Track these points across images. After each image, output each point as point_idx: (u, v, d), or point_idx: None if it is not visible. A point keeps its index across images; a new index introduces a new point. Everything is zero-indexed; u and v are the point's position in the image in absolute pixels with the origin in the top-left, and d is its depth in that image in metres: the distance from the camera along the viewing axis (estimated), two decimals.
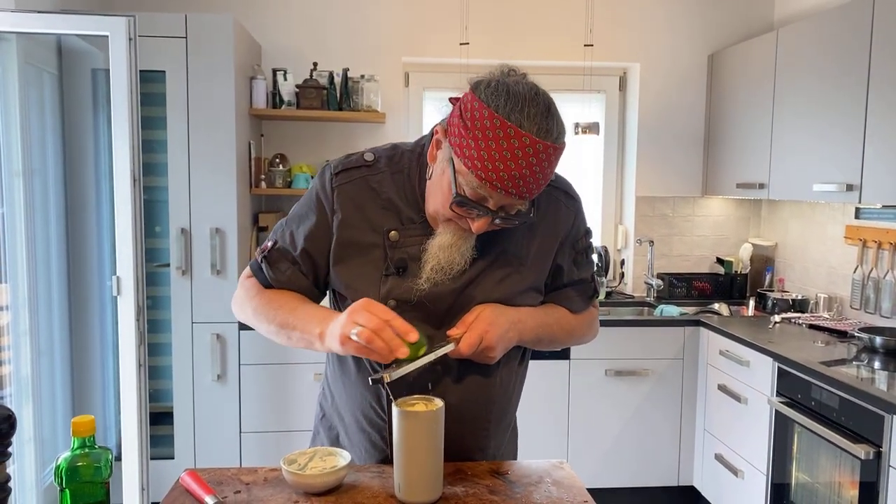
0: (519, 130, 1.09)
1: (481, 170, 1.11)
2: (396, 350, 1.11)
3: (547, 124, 1.11)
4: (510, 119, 1.09)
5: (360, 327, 1.12)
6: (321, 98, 3.38)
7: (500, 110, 1.10)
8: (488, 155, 1.10)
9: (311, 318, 1.25)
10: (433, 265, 1.23)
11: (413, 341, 1.13)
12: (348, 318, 1.14)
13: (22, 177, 2.79)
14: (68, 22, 2.66)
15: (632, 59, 3.79)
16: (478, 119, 1.11)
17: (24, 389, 2.79)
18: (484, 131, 1.10)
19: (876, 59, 2.55)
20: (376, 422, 1.33)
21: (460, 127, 1.13)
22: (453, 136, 1.15)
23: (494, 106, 1.10)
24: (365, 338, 1.11)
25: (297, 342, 1.27)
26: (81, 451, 1.01)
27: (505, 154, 1.09)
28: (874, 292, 2.99)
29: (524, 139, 1.09)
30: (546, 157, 1.12)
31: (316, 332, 1.22)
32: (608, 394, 3.28)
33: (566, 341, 1.42)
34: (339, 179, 1.30)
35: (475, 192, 1.14)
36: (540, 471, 1.32)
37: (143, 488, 2.76)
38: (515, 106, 1.10)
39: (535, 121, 1.10)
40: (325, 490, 1.19)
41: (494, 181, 1.11)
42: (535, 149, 1.10)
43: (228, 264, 3.08)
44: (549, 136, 1.11)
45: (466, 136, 1.12)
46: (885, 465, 2.08)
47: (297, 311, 1.28)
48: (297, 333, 1.26)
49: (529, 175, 1.12)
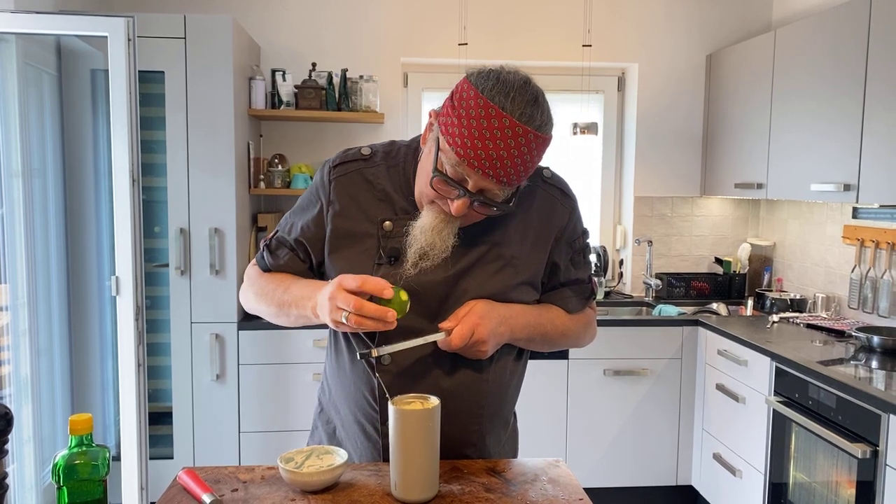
0: (500, 111, 1.13)
1: (461, 147, 1.15)
2: (384, 316, 1.13)
3: (531, 111, 1.14)
4: (494, 101, 1.13)
5: (345, 312, 1.14)
6: (320, 98, 3.38)
7: (485, 92, 1.14)
8: (468, 132, 1.14)
9: (302, 295, 1.29)
10: (416, 248, 1.26)
11: (389, 297, 1.15)
12: (330, 304, 1.17)
13: (21, 177, 2.79)
14: (67, 22, 2.67)
15: (630, 59, 3.80)
16: (465, 99, 1.15)
17: (24, 389, 2.80)
18: (468, 110, 1.14)
19: (873, 60, 2.55)
20: (370, 413, 1.34)
21: (448, 107, 1.18)
22: (442, 116, 1.19)
23: (482, 88, 1.15)
24: (354, 322, 1.14)
25: (296, 320, 1.32)
26: (79, 449, 1.02)
27: (484, 133, 1.13)
28: (872, 292, 3.00)
29: (504, 120, 1.13)
30: (526, 143, 1.15)
31: (310, 306, 1.26)
32: (607, 393, 3.29)
33: (560, 342, 1.42)
34: (336, 172, 1.35)
35: (455, 170, 1.18)
36: (536, 469, 1.32)
37: (142, 488, 2.77)
38: (502, 90, 1.14)
39: (519, 106, 1.13)
40: (321, 488, 1.20)
41: (472, 159, 1.14)
42: (514, 131, 1.13)
43: (227, 264, 3.09)
44: (532, 122, 1.14)
45: (452, 115, 1.16)
46: (882, 464, 2.09)
47: (290, 289, 1.32)
48: (294, 311, 1.30)
49: (507, 157, 1.14)
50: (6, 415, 0.92)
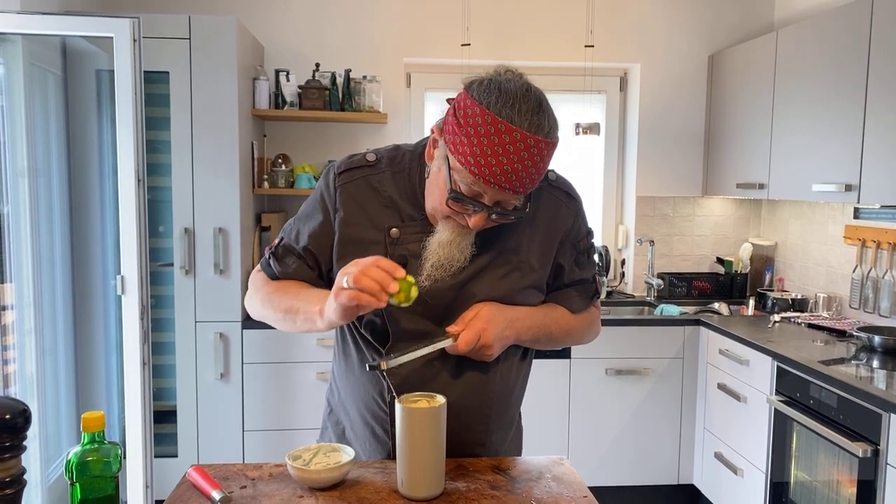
0: (510, 126, 1.12)
1: (474, 165, 1.14)
2: (387, 285, 1.12)
3: (538, 119, 1.14)
4: (501, 115, 1.12)
5: (348, 277, 1.13)
6: (323, 99, 3.40)
7: (491, 107, 1.12)
8: (480, 151, 1.13)
9: (311, 298, 1.29)
10: (433, 262, 1.26)
11: (401, 276, 1.13)
12: (340, 273, 1.16)
13: (27, 177, 2.81)
14: (73, 23, 2.68)
15: (632, 59, 3.81)
16: (470, 116, 1.14)
17: (29, 387, 2.81)
18: (476, 128, 1.13)
19: (875, 60, 2.56)
20: (379, 415, 1.35)
21: (454, 125, 1.16)
22: (448, 133, 1.18)
23: (486, 103, 1.13)
24: (354, 279, 1.12)
25: (301, 325, 1.31)
26: (91, 446, 1.04)
27: (497, 150, 1.12)
28: (873, 292, 3.01)
29: (515, 134, 1.12)
30: (538, 152, 1.15)
31: (316, 310, 1.25)
32: (609, 393, 3.30)
33: (565, 341, 1.44)
34: (341, 179, 1.34)
35: (470, 188, 1.17)
36: (540, 467, 1.34)
37: (146, 486, 2.78)
38: (507, 102, 1.13)
39: (526, 116, 1.13)
40: (329, 485, 1.21)
41: (488, 176, 1.14)
42: (526, 143, 1.13)
43: (231, 264, 3.10)
44: (541, 130, 1.14)
45: (460, 134, 1.15)
46: (883, 463, 2.10)
47: (299, 295, 1.32)
48: (300, 316, 1.30)
49: (522, 169, 1.14)
50: (24, 412, 0.94)
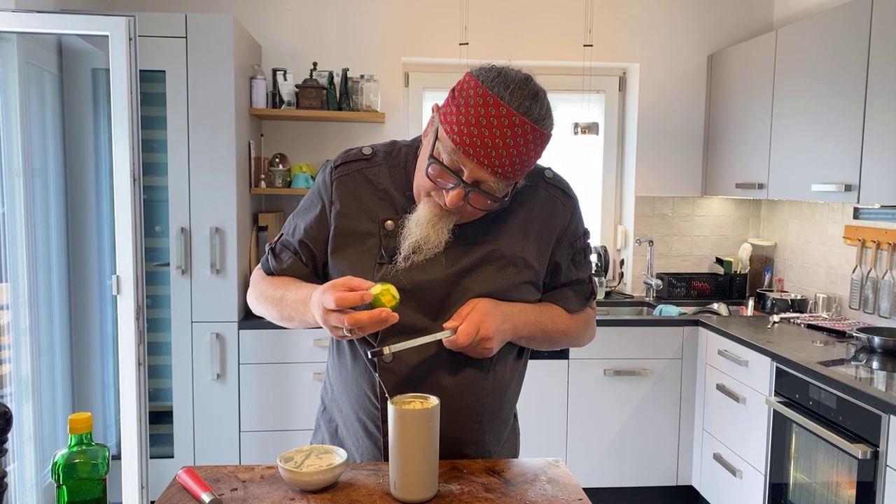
0: (498, 100, 1.14)
1: (457, 134, 1.16)
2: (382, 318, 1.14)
3: (529, 104, 1.16)
4: (493, 90, 1.15)
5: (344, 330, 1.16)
6: (321, 98, 3.38)
7: (486, 83, 1.16)
8: (465, 120, 1.15)
9: (298, 300, 1.30)
10: (410, 242, 1.26)
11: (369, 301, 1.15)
12: (327, 327, 1.20)
13: (22, 176, 2.79)
14: (69, 22, 2.67)
15: (631, 59, 3.80)
16: (465, 90, 1.18)
17: (24, 388, 2.80)
18: (467, 100, 1.16)
19: (874, 60, 2.55)
20: (371, 411, 1.34)
21: (449, 98, 1.21)
22: (443, 107, 1.21)
23: (483, 80, 1.17)
24: (357, 334, 1.17)
25: (300, 325, 1.34)
26: (79, 448, 1.02)
27: (481, 121, 1.15)
28: (873, 292, 2.99)
29: (501, 109, 1.14)
30: (523, 135, 1.16)
31: (309, 315, 1.27)
32: (607, 393, 3.29)
33: (561, 341, 1.42)
34: (338, 172, 1.36)
35: (451, 158, 1.19)
36: (535, 469, 1.32)
37: (142, 487, 2.77)
38: (503, 82, 1.16)
39: (518, 98, 1.15)
40: (320, 488, 1.20)
41: (468, 146, 1.16)
42: (511, 121, 1.14)
43: (228, 264, 3.09)
44: (530, 114, 1.16)
45: (451, 104, 1.19)
46: (882, 465, 2.09)
47: (286, 296, 1.33)
48: (296, 317, 1.32)
49: (503, 147, 1.15)
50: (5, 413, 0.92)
